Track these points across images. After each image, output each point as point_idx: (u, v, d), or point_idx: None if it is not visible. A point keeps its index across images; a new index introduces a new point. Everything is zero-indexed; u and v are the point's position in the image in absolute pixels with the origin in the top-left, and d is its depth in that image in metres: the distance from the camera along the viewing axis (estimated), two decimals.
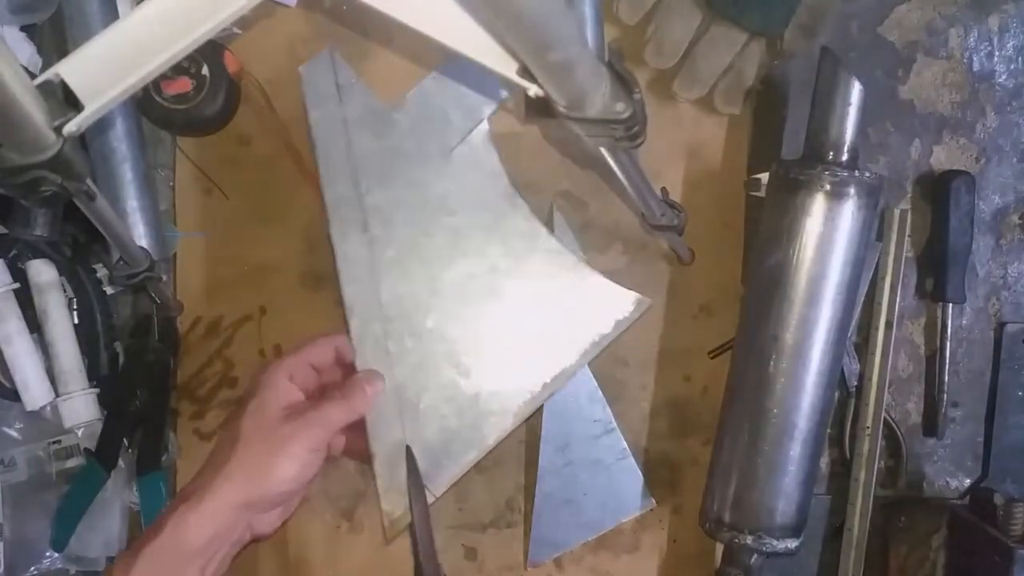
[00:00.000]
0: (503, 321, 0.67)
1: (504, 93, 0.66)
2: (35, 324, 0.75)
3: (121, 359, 0.77)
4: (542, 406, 0.72)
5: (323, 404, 0.61)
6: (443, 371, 0.66)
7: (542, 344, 0.67)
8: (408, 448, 0.64)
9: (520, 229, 0.67)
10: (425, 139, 0.67)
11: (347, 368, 0.68)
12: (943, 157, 0.77)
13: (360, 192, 0.66)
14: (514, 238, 0.67)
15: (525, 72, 0.48)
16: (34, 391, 0.75)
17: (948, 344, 0.74)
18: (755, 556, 0.66)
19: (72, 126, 0.48)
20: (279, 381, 0.61)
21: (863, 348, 0.74)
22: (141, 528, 0.75)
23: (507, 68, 0.49)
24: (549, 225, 0.73)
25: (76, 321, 0.76)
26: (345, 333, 0.66)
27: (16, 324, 0.75)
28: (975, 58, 0.76)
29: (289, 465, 0.58)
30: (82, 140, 0.62)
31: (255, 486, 0.57)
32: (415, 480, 0.63)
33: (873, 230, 0.70)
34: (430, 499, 0.66)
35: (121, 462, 0.75)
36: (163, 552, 0.54)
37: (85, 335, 0.76)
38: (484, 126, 0.67)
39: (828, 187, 0.64)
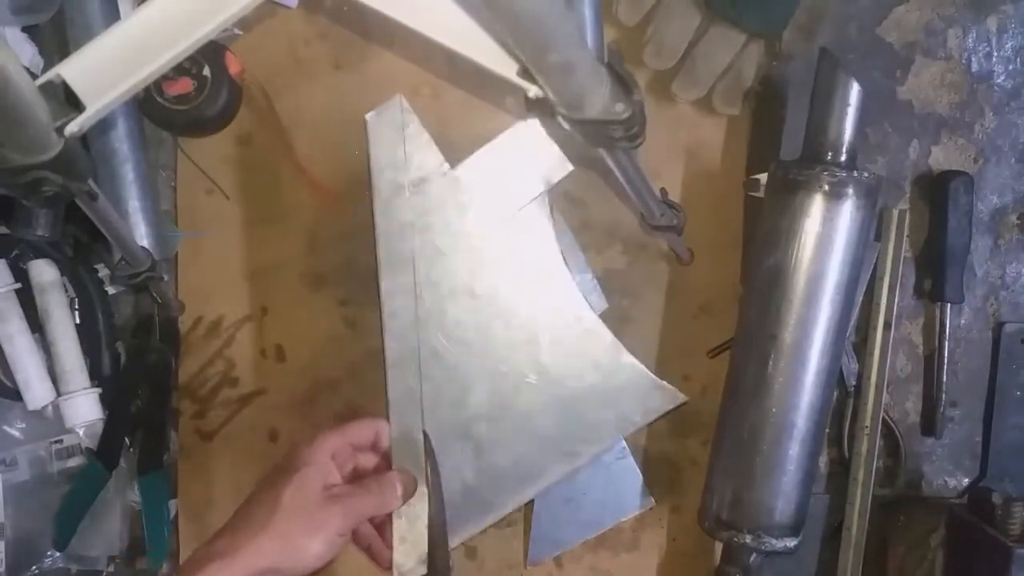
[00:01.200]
0: (537, 395, 0.67)
1: (568, 164, 0.65)
2: (37, 324, 0.76)
3: (123, 359, 0.78)
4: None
5: (359, 493, 0.62)
6: (474, 436, 0.67)
7: (571, 422, 0.68)
8: (425, 432, 0.64)
9: (564, 305, 0.68)
10: (485, 201, 0.66)
11: (380, 453, 0.67)
12: (941, 157, 0.77)
13: (414, 244, 0.65)
14: (557, 313, 0.67)
15: (525, 73, 0.48)
16: (36, 391, 0.75)
17: (946, 344, 0.74)
18: (754, 555, 0.66)
19: (74, 126, 0.48)
20: (323, 459, 0.62)
21: (862, 348, 0.74)
22: (143, 528, 0.75)
23: (507, 69, 0.49)
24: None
25: (78, 321, 0.76)
26: (385, 419, 0.65)
27: (18, 324, 0.75)
28: (973, 59, 0.77)
29: (321, 546, 0.59)
30: (83, 141, 0.62)
31: (285, 558, 0.59)
32: (433, 464, 0.64)
33: (871, 230, 0.70)
34: None
35: (122, 461, 0.76)
36: None
37: (87, 335, 0.76)
38: (544, 198, 0.67)
39: (827, 187, 0.64)
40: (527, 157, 0.66)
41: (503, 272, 0.67)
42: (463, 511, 0.68)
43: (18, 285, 0.75)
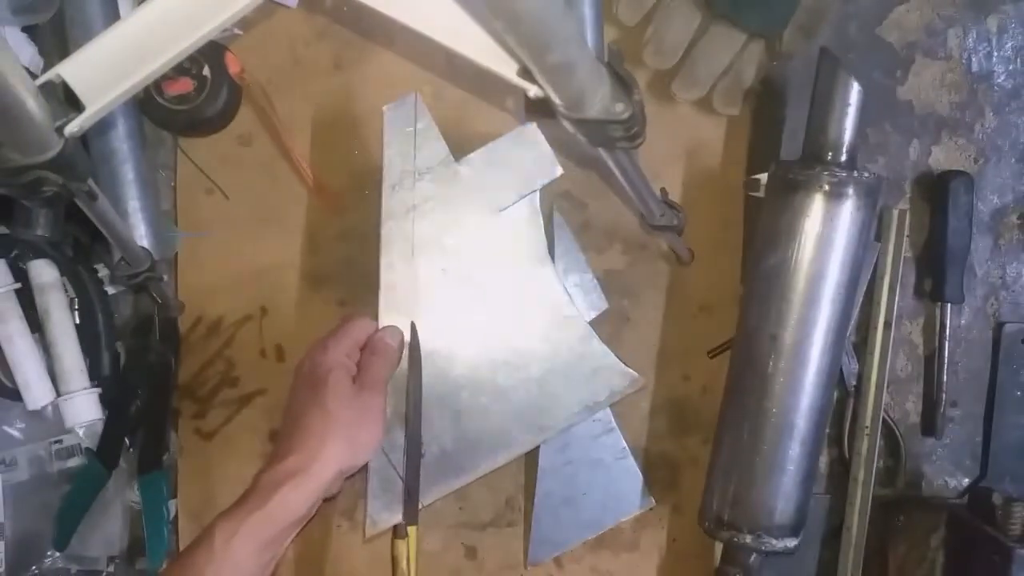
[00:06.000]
0: (514, 372, 0.72)
1: (558, 168, 0.71)
2: (36, 324, 0.76)
3: (122, 359, 0.78)
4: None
5: (373, 367, 0.67)
6: (453, 405, 0.72)
7: (542, 398, 0.72)
8: (412, 324, 0.71)
9: (545, 294, 0.72)
10: (481, 194, 0.71)
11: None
12: (942, 157, 0.77)
13: (414, 229, 0.71)
14: (538, 301, 0.72)
15: (525, 73, 0.48)
16: (35, 391, 0.75)
17: (947, 344, 0.74)
18: (754, 555, 0.66)
19: (73, 127, 0.48)
20: (342, 359, 0.66)
21: (862, 348, 0.74)
22: (143, 528, 0.75)
23: (507, 69, 0.49)
24: (549, 229, 0.74)
25: (77, 321, 0.76)
26: (371, 317, 0.71)
27: (18, 324, 0.75)
28: (974, 59, 0.77)
29: (376, 429, 0.65)
30: (83, 141, 0.62)
31: (352, 456, 0.64)
32: (415, 350, 0.71)
33: (872, 230, 0.70)
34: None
35: (122, 462, 0.76)
36: (269, 522, 0.59)
37: (86, 335, 0.76)
38: (535, 196, 0.72)
39: (827, 187, 0.64)
40: (524, 158, 0.71)
41: (494, 258, 0.72)
42: (439, 473, 0.72)
43: (18, 285, 0.75)
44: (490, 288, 0.72)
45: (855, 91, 0.65)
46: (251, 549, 0.58)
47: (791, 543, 0.66)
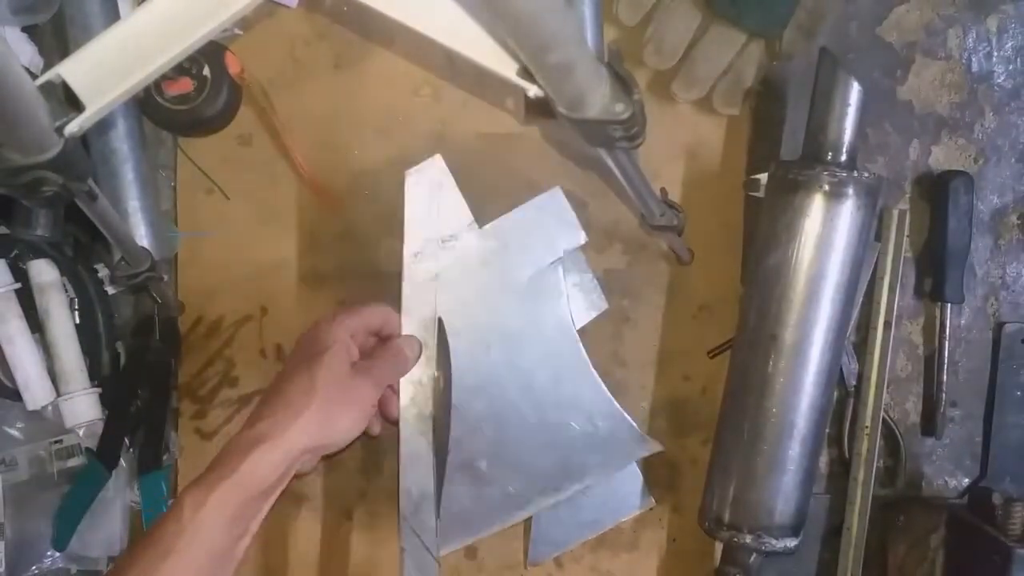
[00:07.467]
0: (535, 439, 0.71)
1: (583, 235, 0.70)
2: (36, 324, 0.76)
3: (122, 359, 0.78)
4: None
5: (380, 363, 0.66)
6: (475, 471, 0.71)
7: (560, 463, 0.72)
8: (440, 320, 0.69)
9: (568, 362, 0.71)
10: (505, 261, 0.70)
11: (380, 337, 0.70)
12: (942, 157, 0.77)
13: (435, 295, 0.69)
14: (561, 369, 0.72)
15: (525, 73, 0.48)
16: (35, 391, 0.75)
17: (947, 344, 0.74)
18: (754, 555, 0.66)
19: (73, 126, 0.48)
20: (345, 337, 0.64)
21: (862, 348, 0.74)
22: (144, 528, 0.75)
23: (507, 69, 0.49)
24: None
25: (77, 321, 0.76)
26: (389, 305, 0.70)
27: (17, 324, 0.75)
28: (974, 59, 0.77)
29: (357, 418, 0.63)
30: (83, 141, 0.62)
31: (327, 434, 0.61)
32: (443, 351, 0.69)
33: (872, 230, 0.70)
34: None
35: (122, 461, 0.76)
36: (238, 489, 0.57)
37: (86, 335, 0.76)
38: (559, 263, 0.71)
39: (827, 187, 0.64)
40: (549, 224, 0.70)
41: (518, 327, 0.71)
42: (453, 529, 0.72)
43: (18, 285, 0.75)
44: (515, 356, 0.71)
45: (855, 91, 0.65)
46: (221, 520, 0.56)
47: (791, 543, 0.66)
